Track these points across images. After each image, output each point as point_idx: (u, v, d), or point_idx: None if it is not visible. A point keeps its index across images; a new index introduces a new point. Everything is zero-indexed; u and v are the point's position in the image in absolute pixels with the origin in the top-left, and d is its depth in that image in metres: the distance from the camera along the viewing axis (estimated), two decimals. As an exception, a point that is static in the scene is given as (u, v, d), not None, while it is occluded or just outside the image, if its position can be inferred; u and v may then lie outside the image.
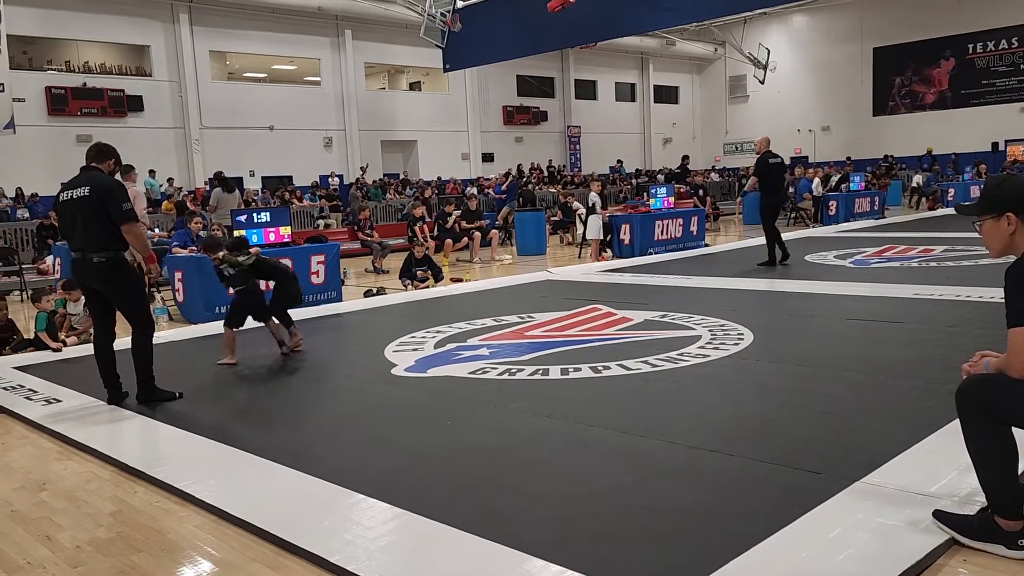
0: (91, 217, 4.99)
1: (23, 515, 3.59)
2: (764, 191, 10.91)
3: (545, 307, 8.15)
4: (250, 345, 7.04)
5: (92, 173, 5.16)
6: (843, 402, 4.46)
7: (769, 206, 10.94)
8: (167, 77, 21.45)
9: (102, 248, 5.02)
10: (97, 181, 5.07)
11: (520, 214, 15.91)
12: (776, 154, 10.91)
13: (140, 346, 5.20)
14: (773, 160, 10.80)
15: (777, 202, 11.08)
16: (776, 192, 11.03)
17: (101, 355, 5.24)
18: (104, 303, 5.24)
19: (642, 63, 33.82)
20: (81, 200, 5.01)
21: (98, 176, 5.14)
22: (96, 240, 5.01)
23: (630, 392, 4.94)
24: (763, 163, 10.76)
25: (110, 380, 5.26)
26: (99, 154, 5.24)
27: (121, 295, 5.18)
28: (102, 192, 5.00)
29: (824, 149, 31.32)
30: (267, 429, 4.66)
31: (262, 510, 3.34)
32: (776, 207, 11.08)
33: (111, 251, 5.05)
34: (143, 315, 5.27)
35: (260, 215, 9.40)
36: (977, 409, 2.65)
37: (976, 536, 2.71)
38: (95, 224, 5.00)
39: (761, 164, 10.80)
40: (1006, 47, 27.96)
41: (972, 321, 6.40)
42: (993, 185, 2.74)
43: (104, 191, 5.00)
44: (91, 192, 5.00)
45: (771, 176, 10.82)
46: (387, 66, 27.34)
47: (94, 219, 4.99)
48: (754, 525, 2.91)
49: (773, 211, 10.97)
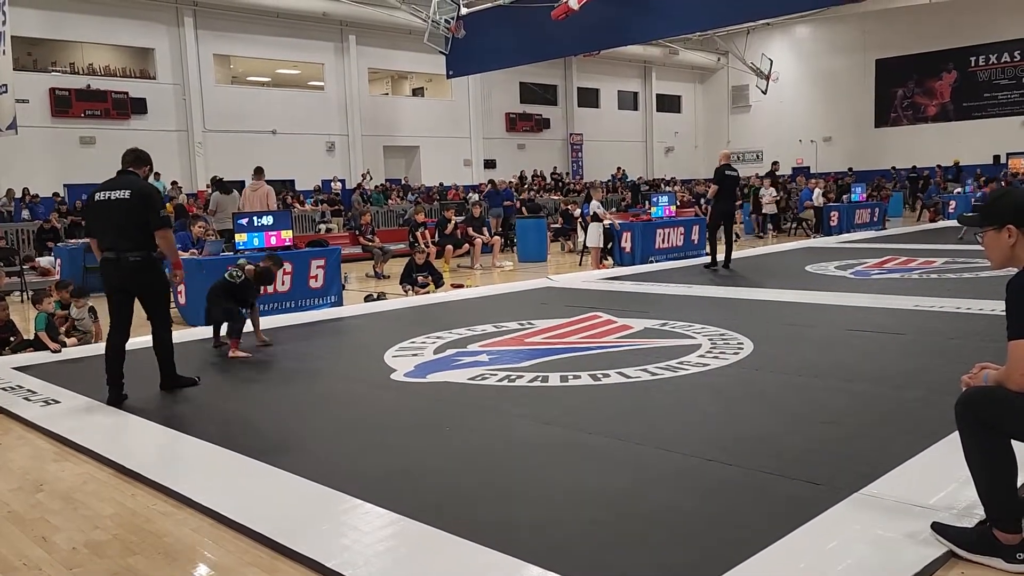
0: (129, 219, 5.27)
1: (20, 516, 3.58)
2: (716, 199, 11.94)
3: (545, 314, 8.15)
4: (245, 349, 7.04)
5: (130, 177, 5.44)
6: (842, 412, 4.45)
7: (718, 213, 11.95)
8: (171, 80, 21.51)
9: (137, 248, 5.28)
10: (137, 186, 5.36)
11: (522, 221, 15.98)
12: (733, 167, 12.00)
13: (162, 341, 5.53)
14: (729, 172, 11.81)
15: (726, 209, 11.96)
16: (727, 201, 11.98)
17: (113, 354, 5.37)
18: (128, 306, 5.44)
19: (645, 72, 33.90)
20: (120, 202, 5.28)
21: (137, 181, 5.43)
22: (130, 240, 5.27)
23: (629, 400, 4.93)
24: (719, 173, 11.77)
25: (115, 380, 5.35)
26: (137, 159, 5.53)
27: (151, 292, 5.46)
28: (144, 197, 5.31)
29: (826, 160, 31.37)
30: (265, 432, 4.65)
31: (259, 513, 3.34)
32: (724, 214, 11.96)
33: (145, 251, 5.32)
34: (166, 313, 5.58)
35: (262, 219, 9.40)
36: (976, 421, 2.64)
37: (974, 549, 2.71)
38: (131, 226, 5.27)
39: (718, 174, 11.79)
40: (1008, 60, 28.03)
41: (972, 333, 6.39)
42: (995, 197, 2.76)
43: (146, 197, 5.33)
44: (132, 196, 5.28)
45: (724, 186, 11.79)
46: (390, 72, 27.43)
47: (131, 221, 5.27)
48: (752, 535, 2.90)
49: (720, 217, 11.94)
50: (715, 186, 11.89)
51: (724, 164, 11.80)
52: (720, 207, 11.87)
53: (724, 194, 11.80)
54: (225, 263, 8.91)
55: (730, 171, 11.79)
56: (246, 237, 9.08)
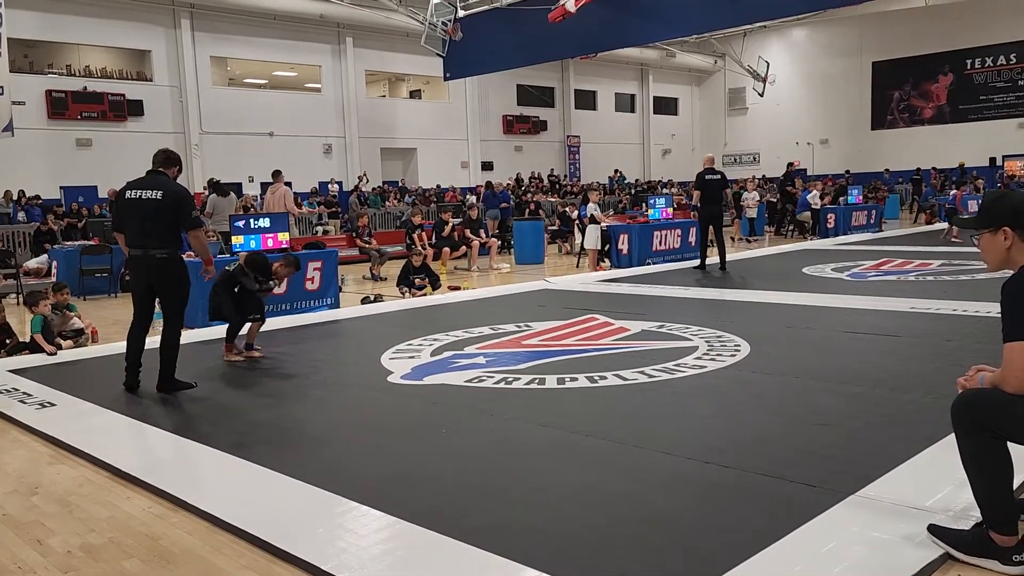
0: (160, 218, 5.46)
1: (15, 519, 3.57)
2: (701, 203, 12.08)
3: (542, 316, 8.15)
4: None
5: (161, 178, 5.59)
6: (839, 415, 4.45)
7: (704, 217, 12.13)
8: (168, 82, 21.49)
9: (163, 245, 5.48)
10: (170, 187, 5.54)
11: (519, 223, 16.01)
12: (715, 171, 12.15)
13: (169, 341, 5.61)
14: (711, 176, 11.98)
15: (713, 212, 12.08)
16: (714, 204, 12.08)
17: (134, 340, 5.66)
18: (150, 304, 5.71)
19: (642, 74, 33.94)
20: (151, 202, 5.45)
21: (169, 182, 5.59)
22: (158, 238, 5.47)
23: (626, 402, 4.93)
24: (701, 178, 11.99)
25: (133, 365, 5.64)
26: (167, 160, 5.68)
27: (172, 289, 5.60)
28: (177, 199, 5.51)
29: (822, 162, 31.42)
30: (261, 435, 4.63)
31: (255, 517, 3.33)
32: (711, 217, 12.10)
33: (171, 248, 5.52)
34: (180, 315, 5.70)
35: (259, 221, 9.39)
36: (972, 423, 2.64)
37: (971, 551, 2.71)
38: (161, 224, 5.47)
39: (700, 179, 12.01)
40: (1004, 63, 28.11)
41: (968, 335, 6.40)
42: (991, 200, 2.77)
43: (178, 198, 5.52)
44: (164, 197, 5.46)
45: (707, 190, 11.94)
46: (388, 74, 27.43)
47: (161, 220, 5.46)
48: (748, 537, 2.90)
49: (708, 221, 12.11)
50: (698, 191, 12.07)
51: (707, 168, 12.02)
52: (706, 211, 12.04)
53: (709, 198, 11.96)
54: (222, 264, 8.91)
55: (712, 175, 11.97)
56: (243, 239, 9.07)
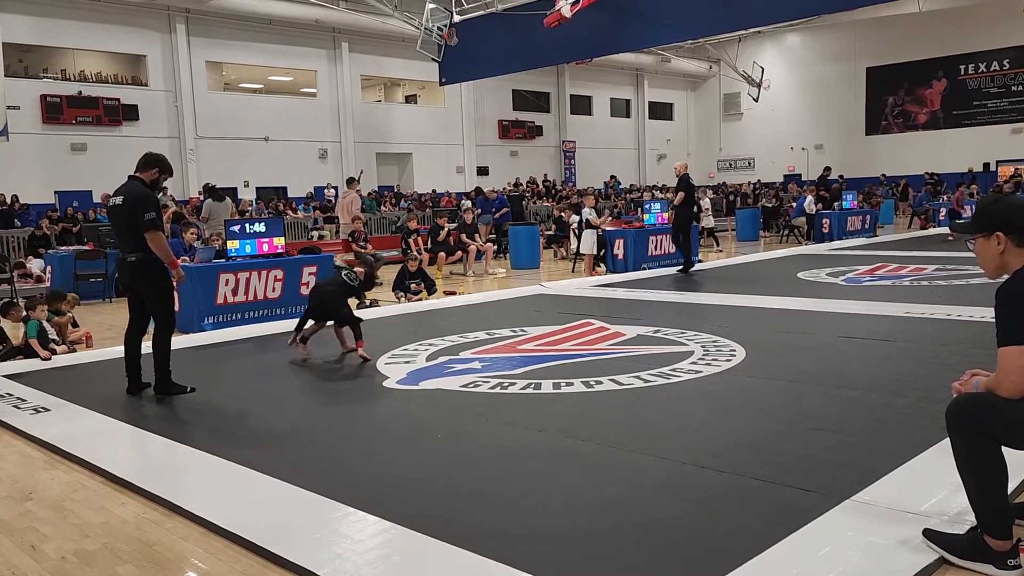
0: (124, 223, 5.55)
1: (8, 524, 3.55)
2: (683, 205, 12.54)
3: (538, 321, 8.15)
4: (238, 356, 7.02)
5: (130, 183, 5.64)
6: (834, 419, 4.46)
7: (687, 219, 12.70)
8: (163, 87, 21.48)
9: (135, 249, 5.55)
10: (131, 191, 5.57)
11: (514, 228, 16.02)
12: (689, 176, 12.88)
13: (158, 342, 5.64)
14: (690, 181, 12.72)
15: (690, 216, 12.84)
16: (690, 207, 12.77)
17: (130, 345, 5.75)
18: (139, 306, 5.77)
19: (637, 79, 34.04)
20: (117, 208, 5.59)
21: (133, 186, 5.61)
22: (130, 243, 5.57)
23: (622, 407, 4.93)
24: (686, 181, 12.51)
25: (132, 371, 5.73)
26: (144, 164, 5.69)
27: (150, 292, 5.65)
28: (134, 201, 5.51)
29: (817, 167, 31.39)
30: (256, 440, 4.62)
31: (250, 522, 3.32)
32: (689, 220, 12.82)
33: (141, 252, 5.54)
34: (166, 314, 5.73)
35: (254, 225, 9.39)
36: (967, 428, 2.65)
37: (966, 555, 2.71)
38: (127, 229, 5.55)
39: (684, 182, 12.50)
40: (997, 69, 28.25)
41: (963, 340, 6.42)
42: (985, 204, 2.79)
43: (135, 201, 5.51)
44: (124, 201, 5.54)
45: (689, 192, 12.56)
46: (383, 79, 27.44)
47: (126, 224, 5.54)
48: (744, 542, 2.91)
49: (688, 223, 12.76)
50: (682, 193, 12.44)
51: (686, 174, 12.55)
52: (688, 213, 12.64)
53: (689, 201, 12.58)
54: (217, 270, 8.91)
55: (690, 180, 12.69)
56: (238, 244, 9.08)
